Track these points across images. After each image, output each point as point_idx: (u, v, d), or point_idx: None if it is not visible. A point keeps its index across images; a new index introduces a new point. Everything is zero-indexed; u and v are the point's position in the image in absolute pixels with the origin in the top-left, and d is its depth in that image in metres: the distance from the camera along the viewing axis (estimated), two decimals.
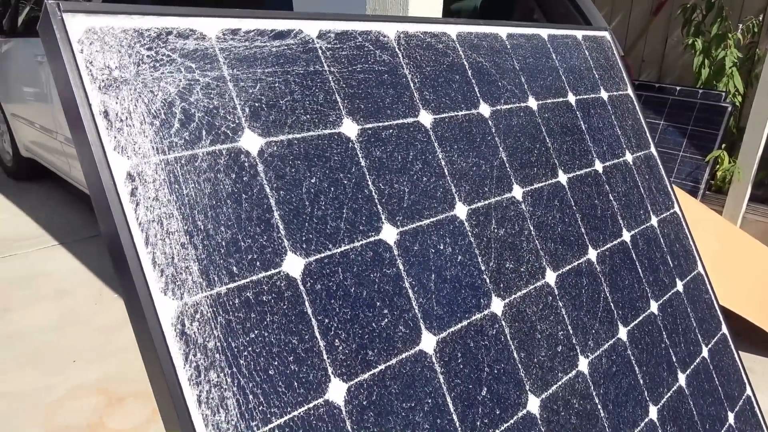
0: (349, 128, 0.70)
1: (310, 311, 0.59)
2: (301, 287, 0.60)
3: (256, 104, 0.63)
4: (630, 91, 1.27)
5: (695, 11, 3.92)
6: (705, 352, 1.13)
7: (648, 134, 1.26)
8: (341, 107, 0.70)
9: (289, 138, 0.64)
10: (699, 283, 1.21)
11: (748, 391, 1.22)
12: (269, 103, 0.64)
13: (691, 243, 1.24)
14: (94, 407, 1.98)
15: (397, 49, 0.80)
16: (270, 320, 0.56)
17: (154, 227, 0.52)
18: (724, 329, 1.23)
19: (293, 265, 0.60)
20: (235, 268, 0.56)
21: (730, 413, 1.13)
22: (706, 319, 1.18)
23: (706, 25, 3.89)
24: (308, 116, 0.67)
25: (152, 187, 0.53)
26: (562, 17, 2.63)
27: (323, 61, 0.71)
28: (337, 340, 0.60)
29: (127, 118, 0.53)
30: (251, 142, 0.61)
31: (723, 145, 3.62)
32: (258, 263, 0.57)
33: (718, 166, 3.61)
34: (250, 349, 0.54)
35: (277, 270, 0.58)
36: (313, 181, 0.64)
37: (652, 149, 1.26)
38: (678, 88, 3.81)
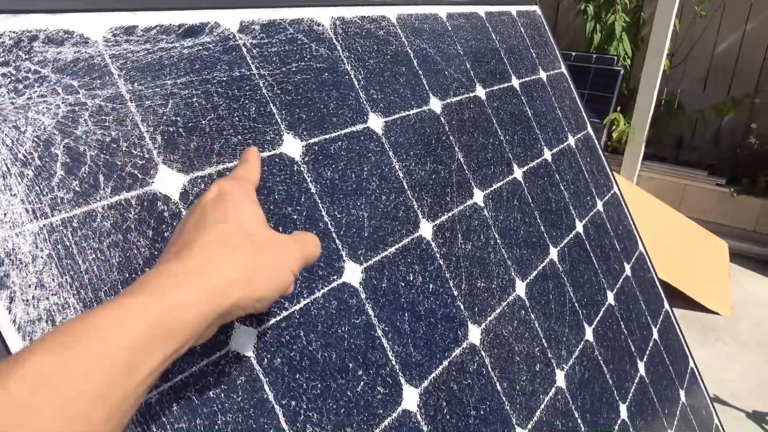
0: (292, 146, 0.56)
1: (271, 396, 0.46)
2: (257, 367, 0.46)
3: (171, 129, 0.47)
4: (563, 69, 1.21)
5: None
6: (655, 334, 1.12)
7: (584, 113, 1.21)
8: (279, 120, 0.56)
9: (219, 170, 0.49)
10: (642, 262, 1.19)
11: (691, 364, 1.24)
12: (188, 125, 0.48)
13: (631, 222, 1.22)
14: None
15: (334, 40, 0.66)
16: (223, 422, 0.42)
17: (42, 328, 0.36)
18: (666, 305, 1.23)
19: (243, 338, 0.46)
20: None
21: (681, 390, 1.14)
22: (652, 300, 1.17)
23: None
24: (240, 137, 0.52)
25: (32, 270, 0.37)
26: None
27: (250, 62, 0.55)
28: (308, 426, 0.47)
29: None
30: (170, 181, 0.45)
31: (618, 108, 3.78)
32: (198, 348, 0.43)
33: (614, 128, 3.78)
34: None
35: (224, 351, 0.44)
36: None
37: (589, 128, 1.21)
38: (573, 53, 3.92)
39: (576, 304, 0.89)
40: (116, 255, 0.41)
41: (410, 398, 0.57)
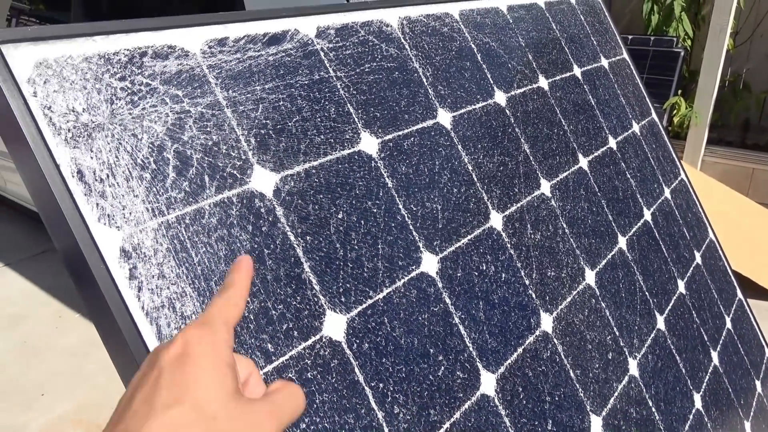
0: (369, 144, 0.59)
1: (362, 378, 0.49)
2: (348, 351, 0.49)
3: (262, 131, 0.51)
4: (626, 55, 1.19)
5: None
6: (729, 323, 1.10)
7: (647, 99, 1.19)
8: (356, 119, 0.59)
9: (306, 168, 0.52)
10: (713, 250, 1.16)
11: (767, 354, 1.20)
12: (276, 127, 0.52)
13: (700, 209, 1.19)
14: None
15: (402, 40, 0.68)
16: (320, 401, 0.46)
17: (165, 315, 0.40)
18: (739, 294, 1.20)
19: (335, 325, 0.49)
20: (270, 345, 0.45)
21: (757, 381, 1.11)
22: (724, 288, 1.14)
23: None
24: (322, 137, 0.55)
25: (154, 262, 0.41)
26: None
27: (327, 65, 0.59)
28: (396, 407, 0.50)
29: (108, 176, 0.41)
30: (264, 180, 0.49)
31: (679, 91, 3.64)
32: (295, 333, 0.46)
33: (675, 112, 3.64)
34: None
35: (318, 336, 0.48)
36: (340, 216, 0.53)
37: (653, 115, 1.19)
38: (630, 37, 3.80)
39: (647, 293, 0.89)
40: (222, 248, 0.45)
41: (488, 383, 0.59)
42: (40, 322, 2.44)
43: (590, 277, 0.79)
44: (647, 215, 0.99)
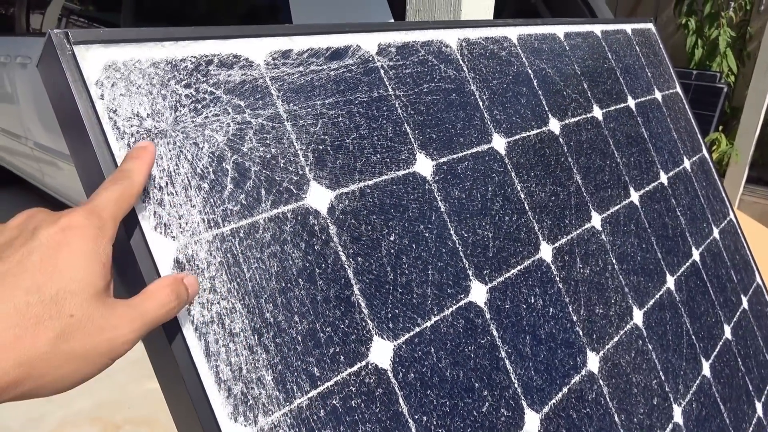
0: (424, 165, 0.57)
1: (405, 410, 0.47)
2: (393, 380, 0.47)
3: (320, 147, 0.49)
4: (679, 89, 1.16)
5: None
6: None
7: (699, 135, 1.16)
8: (412, 140, 0.57)
9: (361, 187, 0.51)
10: (759, 295, 1.12)
11: None
12: (334, 143, 0.51)
13: (748, 252, 1.15)
14: None
15: (461, 61, 0.67)
16: (363, 431, 0.44)
17: (214, 330, 0.39)
18: None
19: (381, 352, 0.47)
20: (315, 369, 0.43)
21: None
22: None
23: (698, 4, 3.81)
24: (378, 156, 0.54)
25: (207, 275, 0.40)
26: (564, 8, 2.51)
27: (387, 83, 0.57)
28: None
29: (167, 184, 0.40)
30: (319, 197, 0.48)
31: (720, 127, 3.57)
32: (341, 357, 0.45)
33: (714, 148, 3.56)
34: None
35: (364, 362, 0.46)
36: (392, 239, 0.51)
37: (704, 151, 1.16)
38: None
39: (693, 337, 0.85)
40: (274, 265, 0.43)
41: (532, 423, 0.56)
42: None
43: (638, 316, 0.75)
44: (696, 255, 0.95)
